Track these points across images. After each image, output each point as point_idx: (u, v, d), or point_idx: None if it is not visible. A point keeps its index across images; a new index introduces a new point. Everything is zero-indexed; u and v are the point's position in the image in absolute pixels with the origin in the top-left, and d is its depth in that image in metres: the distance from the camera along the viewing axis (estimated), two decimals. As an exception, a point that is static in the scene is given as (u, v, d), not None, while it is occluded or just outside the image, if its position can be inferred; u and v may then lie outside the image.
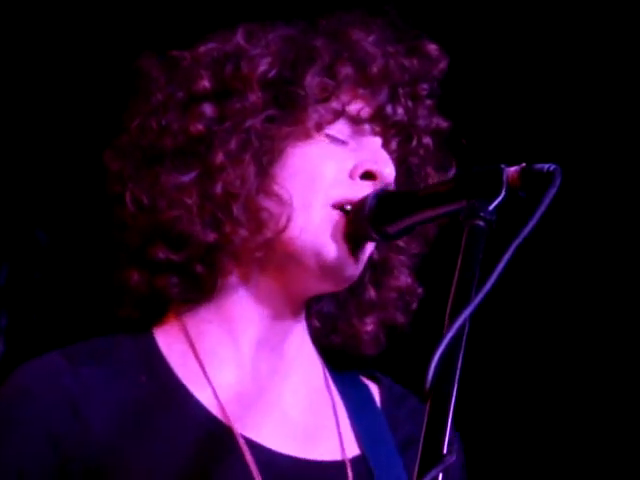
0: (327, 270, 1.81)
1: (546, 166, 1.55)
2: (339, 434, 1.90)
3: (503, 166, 1.58)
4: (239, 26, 1.88)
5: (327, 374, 1.96)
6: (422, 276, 2.02)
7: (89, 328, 1.93)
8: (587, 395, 4.86)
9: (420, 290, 1.96)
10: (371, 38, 1.86)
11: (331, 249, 1.79)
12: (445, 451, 1.34)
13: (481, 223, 1.51)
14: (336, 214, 1.79)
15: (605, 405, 4.69)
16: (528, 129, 4.26)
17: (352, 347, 1.96)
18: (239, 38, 1.86)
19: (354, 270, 1.82)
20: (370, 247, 1.83)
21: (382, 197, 1.78)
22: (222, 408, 1.82)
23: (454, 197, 1.65)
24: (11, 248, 4.42)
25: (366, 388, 1.99)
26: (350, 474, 1.85)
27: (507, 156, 1.68)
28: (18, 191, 4.22)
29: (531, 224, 1.44)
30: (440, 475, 1.32)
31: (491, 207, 1.53)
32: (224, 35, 1.88)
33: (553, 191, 1.49)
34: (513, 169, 1.57)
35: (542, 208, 1.46)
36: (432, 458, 1.34)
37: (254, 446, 1.80)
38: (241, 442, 1.80)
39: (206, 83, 1.84)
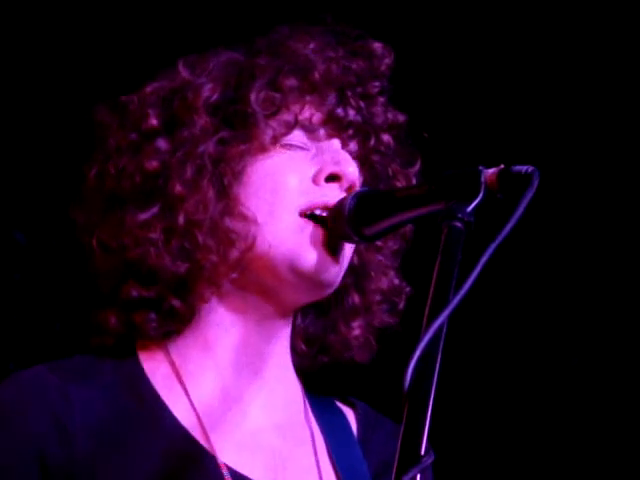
0: (305, 277, 1.80)
1: (524, 168, 1.55)
2: (317, 467, 1.90)
3: (481, 168, 1.58)
4: (178, 61, 1.89)
5: (306, 401, 1.95)
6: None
7: (69, 329, 1.91)
8: (570, 393, 4.85)
9: (407, 289, 1.96)
10: (311, 46, 1.86)
11: (307, 256, 1.78)
12: (423, 452, 1.33)
13: (459, 225, 1.51)
14: (306, 222, 1.79)
15: (592, 404, 4.66)
16: (505, 130, 4.23)
17: (343, 357, 1.95)
18: (182, 72, 1.86)
19: (334, 273, 1.82)
20: (349, 250, 1.83)
21: (361, 198, 1.77)
22: (205, 434, 1.81)
23: (432, 199, 1.64)
24: (-11, 249, 4.42)
25: (342, 415, 1.99)
26: None
27: (482, 157, 1.69)
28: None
29: (509, 226, 1.44)
30: (418, 476, 1.31)
31: (469, 209, 1.53)
32: (167, 72, 1.89)
33: (531, 193, 1.49)
34: (491, 171, 1.57)
35: (520, 210, 1.46)
36: (410, 459, 1.33)
37: (235, 475, 1.80)
38: (224, 470, 1.79)
39: (154, 121, 1.84)
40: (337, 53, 1.88)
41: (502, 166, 1.57)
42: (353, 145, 1.87)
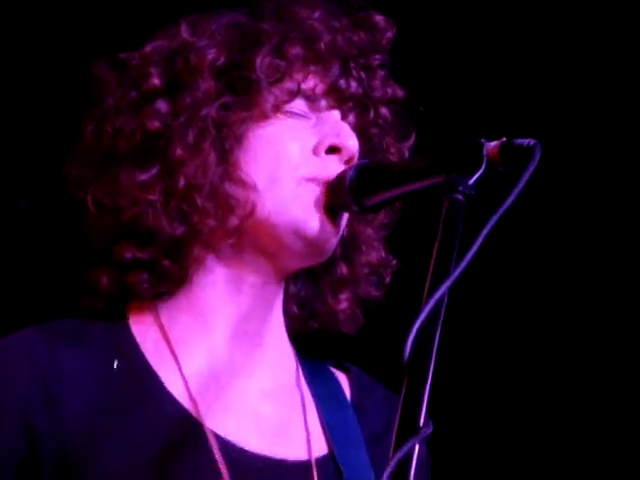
0: (308, 243, 1.81)
1: (526, 141, 1.55)
2: (307, 433, 1.90)
3: (483, 140, 1.59)
4: (180, 21, 1.89)
5: (299, 366, 1.96)
6: (402, 251, 1.99)
7: (70, 296, 1.92)
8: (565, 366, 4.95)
9: (394, 262, 1.97)
10: (316, 15, 1.86)
11: (312, 222, 1.79)
12: (422, 423, 1.34)
13: (460, 197, 1.52)
14: (311, 187, 1.80)
15: (587, 377, 4.54)
16: (504, 104, 4.19)
17: (331, 327, 1.96)
18: (184, 33, 1.86)
19: (334, 241, 1.83)
20: (345, 219, 1.85)
21: (361, 170, 1.78)
22: (193, 401, 1.83)
23: (433, 172, 1.65)
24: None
25: (335, 380, 2.00)
26: (315, 475, 1.86)
27: (482, 131, 1.68)
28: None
29: (510, 199, 1.45)
30: (416, 446, 1.32)
31: (471, 181, 1.54)
32: (169, 31, 1.89)
33: (533, 167, 1.49)
34: (493, 144, 1.58)
35: (521, 183, 1.46)
36: (409, 430, 1.34)
37: (223, 442, 1.81)
38: (211, 438, 1.81)
39: (156, 80, 1.84)
40: (341, 23, 1.88)
41: (504, 139, 1.57)
42: (352, 117, 1.89)
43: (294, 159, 1.81)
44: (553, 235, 4.87)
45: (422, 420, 1.34)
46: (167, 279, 1.85)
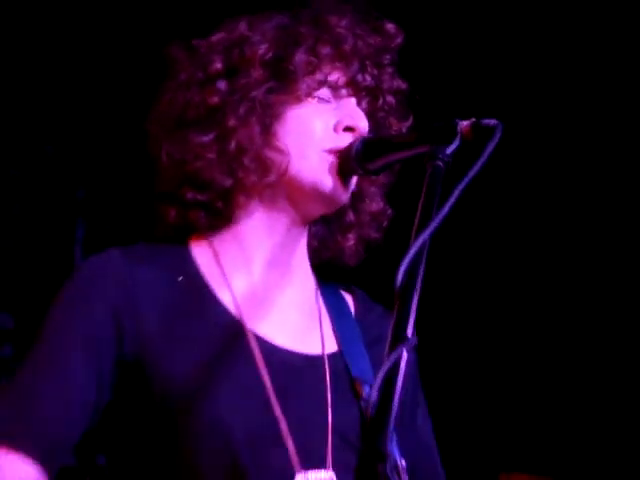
0: (324, 197, 1.95)
1: (491, 121, 1.66)
2: (322, 335, 2.01)
3: (458, 120, 1.70)
4: (241, 18, 2.00)
5: (317, 287, 2.08)
6: (396, 205, 2.10)
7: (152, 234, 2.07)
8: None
9: (390, 212, 2.08)
10: (343, 23, 1.97)
11: (326, 182, 1.93)
12: (409, 336, 1.45)
13: (440, 164, 1.65)
14: (326, 158, 1.93)
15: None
16: (481, 90, 4.30)
17: (339, 259, 2.10)
18: (242, 28, 1.98)
19: (344, 196, 1.96)
20: (354, 180, 1.97)
21: (366, 142, 1.91)
22: (238, 310, 1.94)
23: (420, 143, 1.77)
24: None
25: (344, 299, 2.12)
26: (327, 365, 1.96)
27: (460, 112, 1.79)
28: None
29: (477, 167, 1.56)
30: (404, 353, 1.43)
31: (448, 151, 1.66)
32: (230, 26, 2.00)
33: (494, 143, 1.60)
34: (465, 123, 1.69)
35: (484, 156, 1.58)
36: (399, 339, 1.45)
37: (260, 340, 1.92)
38: (250, 337, 1.91)
39: (218, 65, 1.96)
40: (362, 30, 1.99)
41: (474, 119, 1.69)
42: (365, 103, 2.00)
43: (318, 134, 1.93)
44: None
45: (410, 333, 1.45)
46: (218, 218, 1.98)
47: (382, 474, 1.36)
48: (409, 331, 1.46)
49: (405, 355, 1.44)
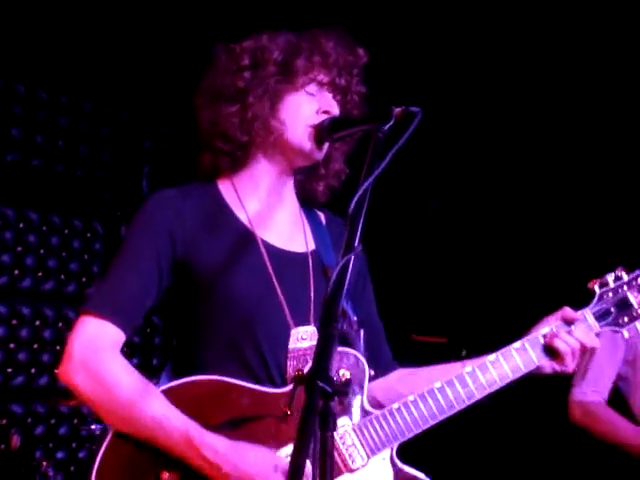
0: (305, 154, 2.04)
1: (415, 108, 1.71)
2: (305, 239, 2.09)
3: (393, 107, 1.74)
4: (264, 32, 2.07)
5: (300, 208, 2.15)
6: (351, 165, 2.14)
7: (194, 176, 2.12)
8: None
9: (347, 171, 2.13)
10: (330, 43, 2.05)
11: (307, 145, 2.02)
12: (356, 245, 1.56)
13: (381, 135, 1.72)
14: (309, 130, 2.01)
15: None
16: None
17: (314, 197, 2.15)
18: (264, 40, 2.06)
19: (318, 155, 2.05)
20: (326, 145, 2.05)
21: (333, 120, 2.00)
22: (250, 223, 2.03)
23: (367, 122, 1.85)
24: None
25: (318, 216, 2.19)
26: (310, 259, 2.05)
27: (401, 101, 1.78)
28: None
29: (401, 142, 1.63)
30: (352, 257, 1.53)
31: (385, 128, 1.73)
32: (256, 37, 2.08)
33: (414, 125, 1.66)
34: (398, 109, 1.74)
35: (406, 135, 1.64)
36: (349, 248, 1.56)
37: (265, 242, 2.02)
38: (259, 241, 2.02)
39: (247, 61, 2.04)
40: (342, 50, 2.06)
41: (404, 107, 1.73)
42: (338, 97, 2.07)
43: (305, 114, 2.02)
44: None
45: (356, 243, 1.56)
46: (237, 162, 2.06)
47: (335, 327, 1.45)
48: (356, 242, 1.56)
49: (352, 258, 1.54)
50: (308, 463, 1.34)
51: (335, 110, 2.03)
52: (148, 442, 1.81)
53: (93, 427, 3.96)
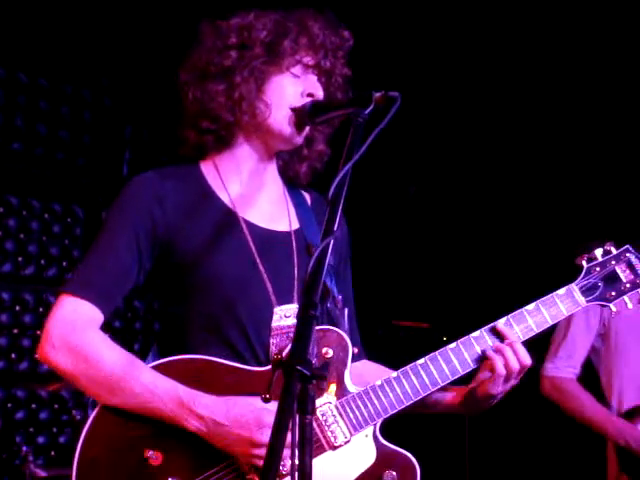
0: (284, 139, 2.04)
1: (394, 93, 1.71)
2: (289, 219, 2.10)
3: (373, 92, 1.75)
4: (251, 11, 2.05)
5: (285, 188, 2.16)
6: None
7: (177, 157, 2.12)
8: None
9: (329, 152, 2.14)
10: (317, 25, 2.04)
11: (287, 129, 2.02)
12: (335, 229, 1.56)
13: (361, 120, 1.73)
14: (290, 113, 2.00)
15: None
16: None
17: (297, 177, 2.16)
18: (251, 18, 2.04)
19: (298, 139, 2.06)
20: (307, 129, 2.05)
21: (314, 104, 2.00)
22: (232, 203, 2.03)
23: (349, 105, 1.83)
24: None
25: (304, 196, 2.20)
26: (293, 237, 2.05)
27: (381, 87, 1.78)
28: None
29: (382, 124, 1.62)
30: (332, 241, 1.53)
31: (366, 112, 1.73)
32: (243, 15, 2.06)
33: (394, 109, 1.66)
34: (378, 94, 1.74)
35: (387, 118, 1.64)
36: (329, 231, 1.56)
37: (247, 222, 2.02)
38: (241, 221, 2.02)
39: (234, 40, 2.02)
40: (328, 32, 2.05)
41: (383, 91, 1.73)
42: (323, 79, 2.07)
43: (289, 96, 2.01)
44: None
45: (336, 226, 1.56)
46: (221, 142, 2.05)
47: (314, 310, 1.43)
48: (335, 226, 1.56)
49: (332, 241, 1.53)
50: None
51: (319, 93, 2.03)
52: (138, 412, 1.81)
53: (74, 412, 3.96)
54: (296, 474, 1.26)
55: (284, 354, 1.86)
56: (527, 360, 1.94)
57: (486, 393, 1.95)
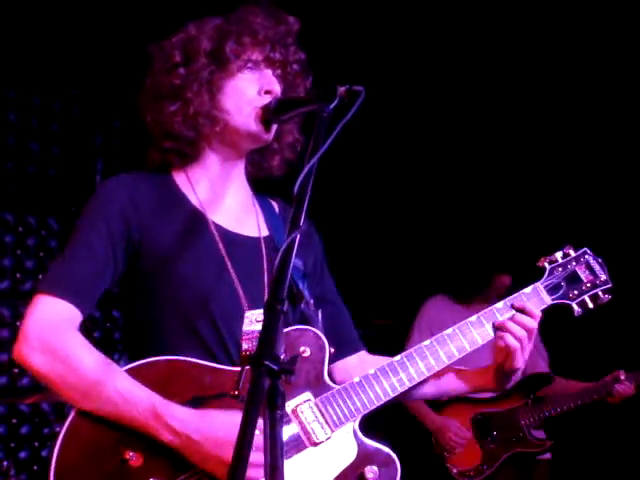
0: (253, 137, 2.05)
1: (359, 87, 1.70)
2: (258, 225, 2.12)
3: (338, 85, 1.74)
4: (190, 23, 2.06)
5: (253, 194, 2.19)
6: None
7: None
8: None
9: (301, 139, 2.15)
10: (258, 19, 2.04)
11: (254, 128, 2.02)
12: (301, 224, 1.52)
13: (325, 115, 1.71)
14: (254, 111, 2.01)
15: None
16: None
17: (270, 172, 2.17)
18: (192, 30, 2.05)
19: (267, 137, 2.06)
20: (275, 127, 2.07)
21: (279, 101, 2.00)
22: (202, 207, 2.05)
23: (314, 101, 1.80)
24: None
25: (271, 204, 2.23)
26: (263, 243, 2.06)
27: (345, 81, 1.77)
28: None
29: (347, 118, 1.62)
30: (298, 236, 1.50)
31: (330, 107, 1.72)
32: (184, 29, 2.06)
33: (358, 103, 1.66)
34: (342, 88, 1.73)
35: (351, 112, 1.64)
36: (294, 227, 1.52)
37: (216, 225, 2.04)
38: (211, 224, 2.03)
39: (177, 58, 2.04)
40: (271, 23, 2.06)
41: (348, 85, 1.72)
42: (278, 71, 2.07)
43: (248, 96, 2.01)
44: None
45: (301, 222, 1.52)
46: (187, 158, 2.09)
47: (281, 305, 1.41)
48: (301, 222, 1.54)
49: (298, 237, 1.50)
50: (262, 438, 1.32)
51: (276, 88, 2.02)
52: (112, 419, 1.77)
53: (55, 426, 3.91)
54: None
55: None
56: (530, 322, 2.00)
57: (512, 368, 2.02)
